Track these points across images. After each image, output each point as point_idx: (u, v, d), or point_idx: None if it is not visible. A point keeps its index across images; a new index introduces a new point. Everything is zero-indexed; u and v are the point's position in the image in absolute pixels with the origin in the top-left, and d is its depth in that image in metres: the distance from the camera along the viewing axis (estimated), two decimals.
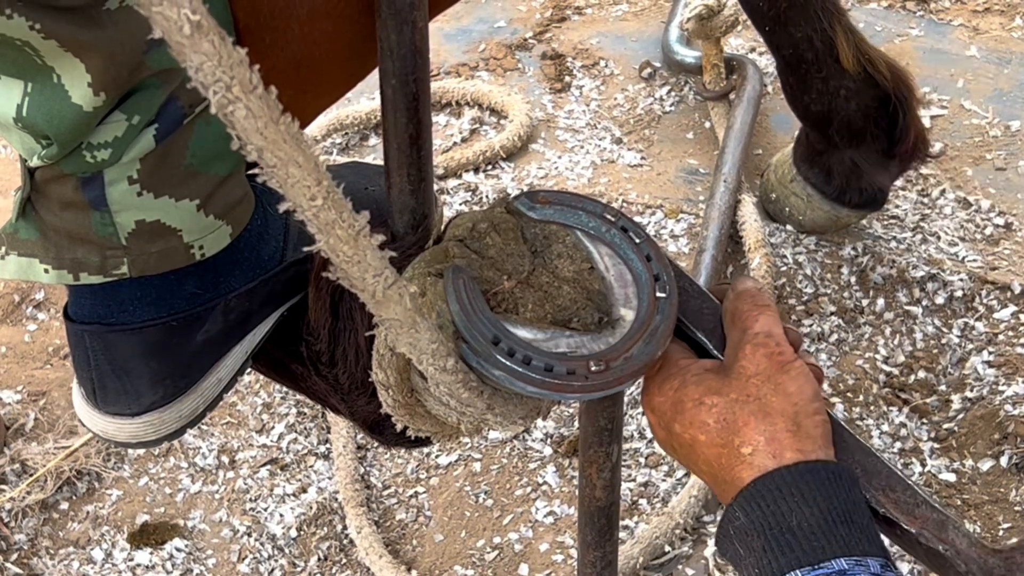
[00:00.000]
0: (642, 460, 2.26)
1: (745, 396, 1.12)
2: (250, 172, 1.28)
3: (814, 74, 2.30)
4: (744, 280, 1.21)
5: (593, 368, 1.12)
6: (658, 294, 1.18)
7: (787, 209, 2.53)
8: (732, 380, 1.13)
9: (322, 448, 2.35)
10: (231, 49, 0.86)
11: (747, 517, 1.06)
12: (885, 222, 2.57)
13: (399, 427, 1.23)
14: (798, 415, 1.11)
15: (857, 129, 2.34)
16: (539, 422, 2.31)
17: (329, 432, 2.35)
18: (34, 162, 1.16)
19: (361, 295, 1.04)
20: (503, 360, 1.12)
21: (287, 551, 2.23)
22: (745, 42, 2.97)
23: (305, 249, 1.02)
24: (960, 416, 2.29)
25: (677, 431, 1.14)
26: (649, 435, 2.27)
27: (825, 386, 2.34)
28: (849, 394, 2.33)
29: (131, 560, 2.23)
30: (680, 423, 1.13)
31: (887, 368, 2.35)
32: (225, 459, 2.34)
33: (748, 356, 1.14)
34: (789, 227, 2.54)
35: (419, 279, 1.16)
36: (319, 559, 2.22)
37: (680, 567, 2.12)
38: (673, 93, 2.88)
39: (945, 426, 2.28)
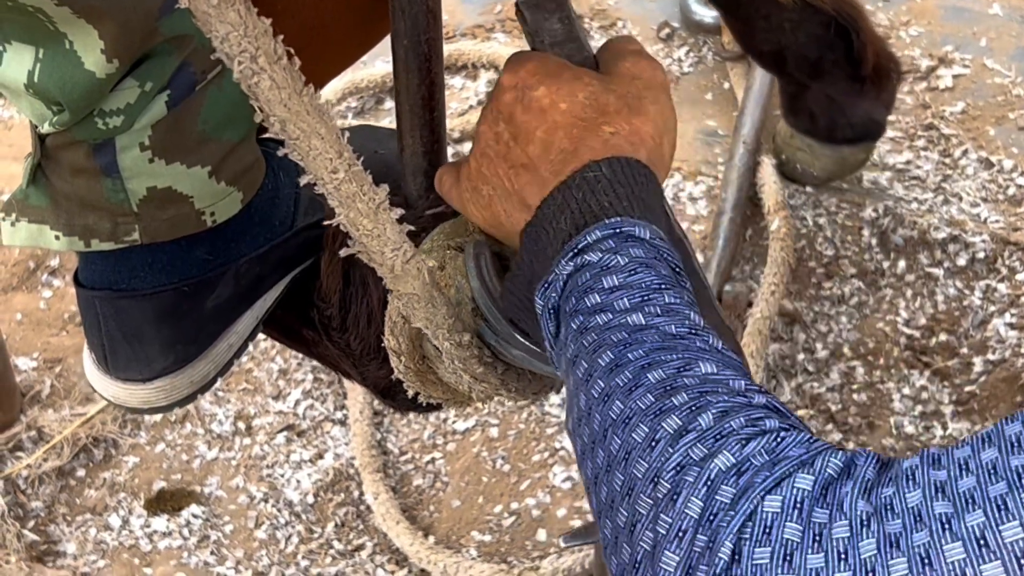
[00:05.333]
0: None
1: (625, 92, 1.05)
2: (261, 137, 1.27)
3: (753, 14, 2.25)
4: None
5: None
6: None
7: (798, 166, 2.50)
8: (614, 77, 1.07)
9: (339, 414, 2.34)
10: (256, 19, 0.86)
11: (596, 179, 0.99)
12: (906, 183, 2.54)
13: (411, 393, 1.23)
14: (666, 133, 1.06)
15: (814, 60, 2.29)
16: None
17: (345, 398, 2.34)
18: (45, 128, 1.15)
19: (379, 269, 1.04)
20: (522, 340, 1.10)
21: (304, 517, 2.22)
22: None
23: (325, 222, 1.01)
24: (982, 379, 2.27)
25: (538, 94, 1.05)
26: None
27: (846, 349, 2.33)
28: (870, 357, 2.31)
29: (148, 527, 2.23)
30: (546, 86, 1.05)
31: (908, 331, 2.33)
32: (241, 425, 2.34)
33: (630, 62, 1.08)
34: (809, 189, 2.52)
35: (438, 251, 1.15)
36: (336, 525, 2.21)
37: None
38: (692, 54, 2.85)
39: (967, 389, 2.27)
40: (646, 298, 0.91)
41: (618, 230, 0.95)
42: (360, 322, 1.30)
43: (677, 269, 0.95)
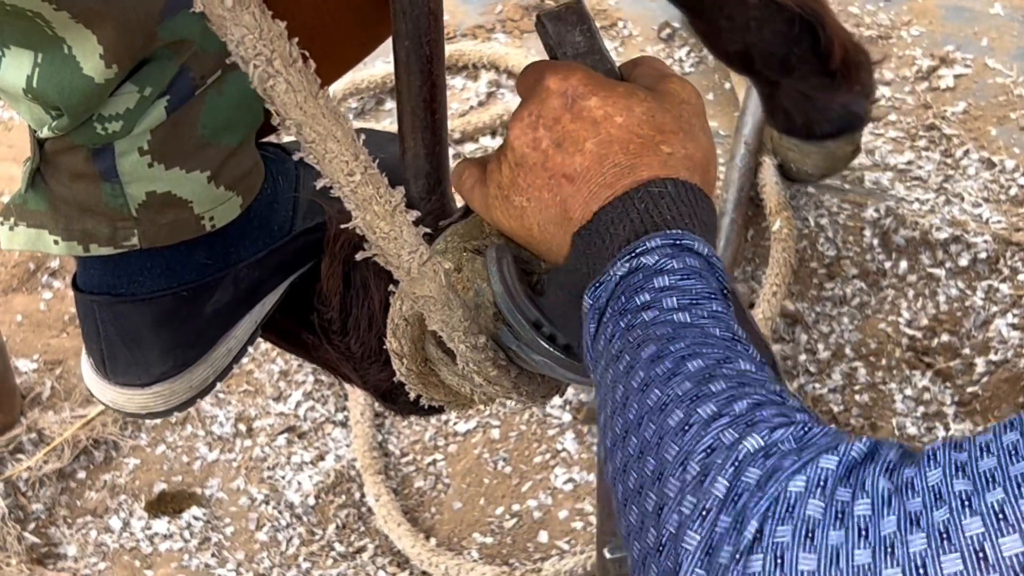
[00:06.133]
0: None
1: (678, 114, 1.04)
2: (260, 141, 1.27)
3: (718, 14, 2.24)
4: None
5: None
6: None
7: (792, 166, 2.50)
8: (664, 96, 1.05)
9: (339, 416, 2.33)
10: (271, 22, 0.86)
11: (661, 195, 0.99)
12: (908, 183, 2.54)
13: (412, 396, 1.23)
14: (712, 163, 1.05)
15: (781, 57, 2.28)
16: None
17: (346, 400, 2.34)
18: (44, 133, 1.15)
19: (396, 272, 1.03)
20: (545, 345, 1.09)
21: (305, 519, 2.22)
22: None
23: (343, 225, 1.01)
24: (984, 379, 2.27)
25: (591, 104, 1.02)
26: None
27: (848, 350, 2.33)
28: (872, 358, 2.31)
29: (149, 529, 2.22)
30: (600, 97, 1.02)
31: (910, 331, 2.33)
32: (242, 427, 2.33)
33: (679, 85, 1.07)
34: (811, 189, 2.51)
35: (454, 253, 1.14)
36: (337, 527, 2.21)
37: None
38: (693, 54, 2.85)
39: (969, 389, 2.26)
40: (694, 302, 0.91)
41: (677, 241, 0.95)
42: (361, 325, 1.30)
43: (726, 289, 0.95)
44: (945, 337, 2.32)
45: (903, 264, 2.42)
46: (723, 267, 0.97)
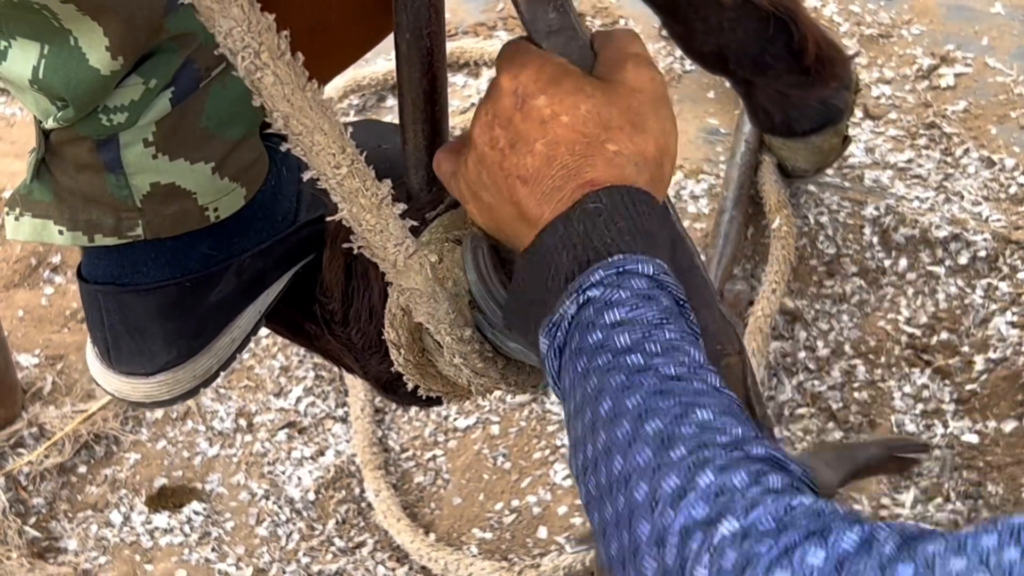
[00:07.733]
0: None
1: (627, 106, 1.03)
2: (265, 132, 1.27)
3: (692, 15, 2.23)
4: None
5: None
6: None
7: (787, 164, 2.50)
8: (616, 87, 1.04)
9: (340, 411, 2.34)
10: (259, 14, 0.86)
11: (598, 211, 0.97)
12: (908, 181, 2.54)
13: (411, 386, 1.23)
14: (667, 151, 1.04)
15: (755, 56, 2.27)
16: None
17: (347, 395, 2.34)
18: (49, 124, 1.15)
19: (381, 264, 1.04)
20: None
21: (305, 514, 2.23)
22: None
23: (329, 218, 1.01)
24: (983, 377, 2.27)
25: (539, 103, 1.02)
26: None
27: (847, 347, 2.33)
28: (871, 355, 2.31)
29: (149, 523, 2.23)
30: (548, 95, 1.02)
31: (909, 329, 2.33)
32: (243, 422, 2.34)
33: (632, 72, 1.06)
34: (812, 187, 2.52)
35: (437, 244, 1.15)
36: (337, 522, 2.22)
37: None
38: None
39: (968, 387, 2.27)
40: (646, 335, 0.90)
41: (620, 269, 0.94)
42: (362, 316, 1.31)
43: (681, 301, 0.94)
44: (944, 335, 2.33)
45: (903, 262, 2.42)
46: (670, 278, 0.95)
